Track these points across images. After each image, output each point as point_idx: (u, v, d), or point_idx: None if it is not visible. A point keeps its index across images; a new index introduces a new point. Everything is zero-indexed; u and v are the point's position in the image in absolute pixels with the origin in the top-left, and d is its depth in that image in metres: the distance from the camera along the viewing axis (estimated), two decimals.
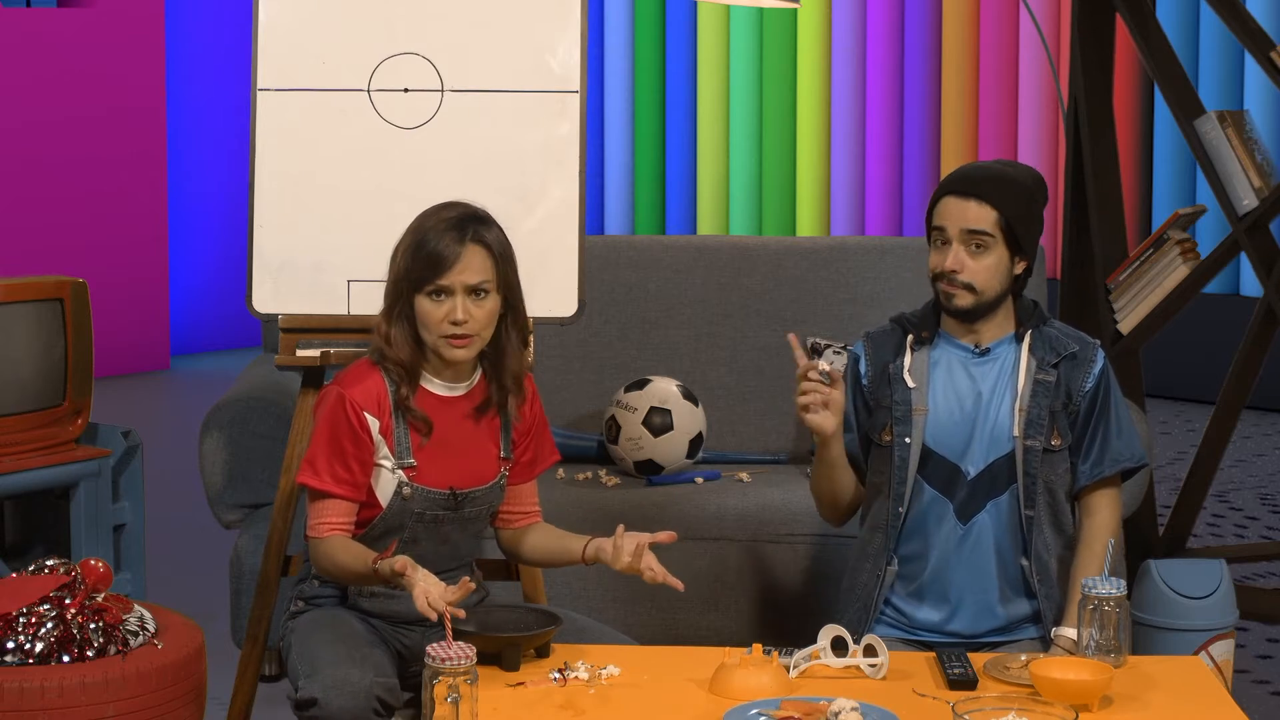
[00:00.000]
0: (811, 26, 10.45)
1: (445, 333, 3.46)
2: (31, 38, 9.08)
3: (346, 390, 3.49)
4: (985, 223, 3.62)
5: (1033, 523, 3.65)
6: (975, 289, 3.64)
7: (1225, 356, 5.46)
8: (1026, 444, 3.64)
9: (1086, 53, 5.21)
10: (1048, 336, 3.71)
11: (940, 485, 3.67)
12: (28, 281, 4.87)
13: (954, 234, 3.63)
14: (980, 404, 3.67)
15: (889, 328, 3.80)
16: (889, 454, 3.70)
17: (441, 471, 3.55)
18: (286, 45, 4.14)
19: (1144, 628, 4.22)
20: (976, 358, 3.70)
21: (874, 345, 3.79)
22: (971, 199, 3.63)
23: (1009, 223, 3.63)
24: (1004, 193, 3.64)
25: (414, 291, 3.47)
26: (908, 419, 3.68)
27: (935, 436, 3.68)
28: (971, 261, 3.63)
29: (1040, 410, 3.65)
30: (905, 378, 3.70)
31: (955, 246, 3.64)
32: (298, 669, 3.43)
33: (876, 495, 3.75)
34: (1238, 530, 6.64)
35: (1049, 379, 3.67)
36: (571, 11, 4.14)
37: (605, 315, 5.06)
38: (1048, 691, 3.17)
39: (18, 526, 4.99)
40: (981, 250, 3.63)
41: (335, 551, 3.47)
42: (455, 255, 3.45)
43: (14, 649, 3.41)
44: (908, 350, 3.73)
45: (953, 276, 3.63)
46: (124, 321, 9.45)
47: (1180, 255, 5.02)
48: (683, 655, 3.48)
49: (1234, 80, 9.00)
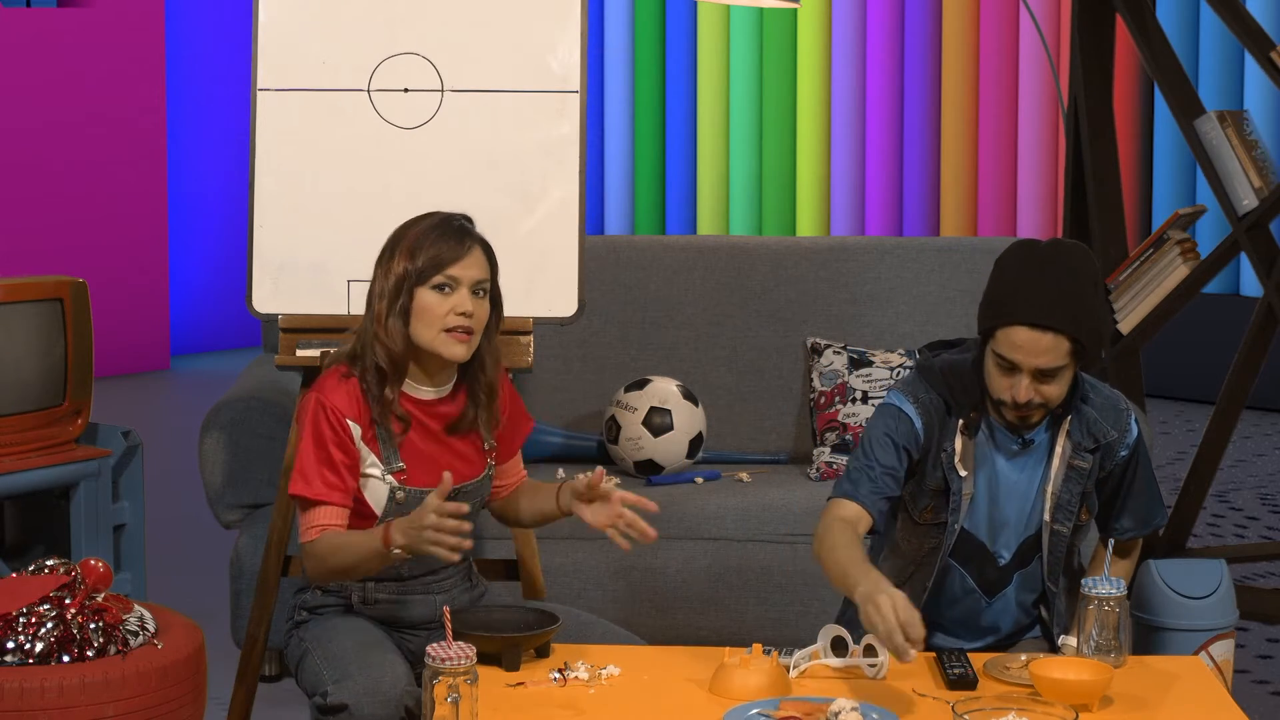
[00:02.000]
0: (811, 26, 10.45)
1: (450, 325, 3.46)
2: (31, 38, 9.08)
3: (326, 398, 3.48)
4: (1060, 357, 3.37)
5: (1055, 594, 3.61)
6: (1049, 408, 3.46)
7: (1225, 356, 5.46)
8: (1055, 528, 3.56)
9: (1086, 53, 5.22)
10: (1085, 419, 3.53)
11: (967, 564, 3.58)
12: (28, 281, 4.87)
13: (1026, 369, 3.38)
14: (1016, 490, 3.55)
15: (928, 392, 3.54)
16: (927, 532, 3.57)
17: (431, 471, 3.54)
18: (286, 45, 4.14)
19: (1144, 628, 4.22)
20: (1019, 450, 3.54)
21: (925, 413, 3.52)
22: (1046, 332, 3.34)
23: (1081, 344, 3.38)
24: (1078, 315, 3.36)
25: (417, 285, 3.47)
26: (959, 508, 3.53)
27: (971, 520, 3.56)
28: (1045, 388, 3.41)
29: (1071, 495, 3.54)
30: (958, 466, 3.51)
31: (1026, 379, 3.38)
32: (322, 673, 3.41)
33: (898, 557, 3.63)
34: (1238, 530, 6.64)
35: (1084, 465, 3.53)
36: (571, 11, 4.14)
37: (605, 315, 5.06)
38: (1048, 691, 3.17)
39: (18, 526, 4.98)
40: (1054, 378, 3.40)
41: (330, 546, 3.45)
42: (465, 249, 3.46)
43: (14, 649, 3.41)
44: (957, 434, 3.51)
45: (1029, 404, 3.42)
46: (124, 321, 9.45)
47: (1180, 255, 5.02)
48: (683, 655, 3.47)
49: (1234, 80, 9.00)
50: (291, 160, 4.13)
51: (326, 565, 3.47)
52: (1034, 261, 3.40)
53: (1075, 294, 3.36)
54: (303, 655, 3.52)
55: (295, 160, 4.13)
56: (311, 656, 3.48)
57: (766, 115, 10.67)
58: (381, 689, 3.32)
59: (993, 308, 3.40)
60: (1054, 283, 3.36)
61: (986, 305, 3.43)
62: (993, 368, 3.42)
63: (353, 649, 3.42)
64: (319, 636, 3.51)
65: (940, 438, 3.51)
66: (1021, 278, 3.39)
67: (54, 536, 4.91)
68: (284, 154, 4.13)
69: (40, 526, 4.97)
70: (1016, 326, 3.36)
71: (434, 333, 3.47)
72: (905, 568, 3.61)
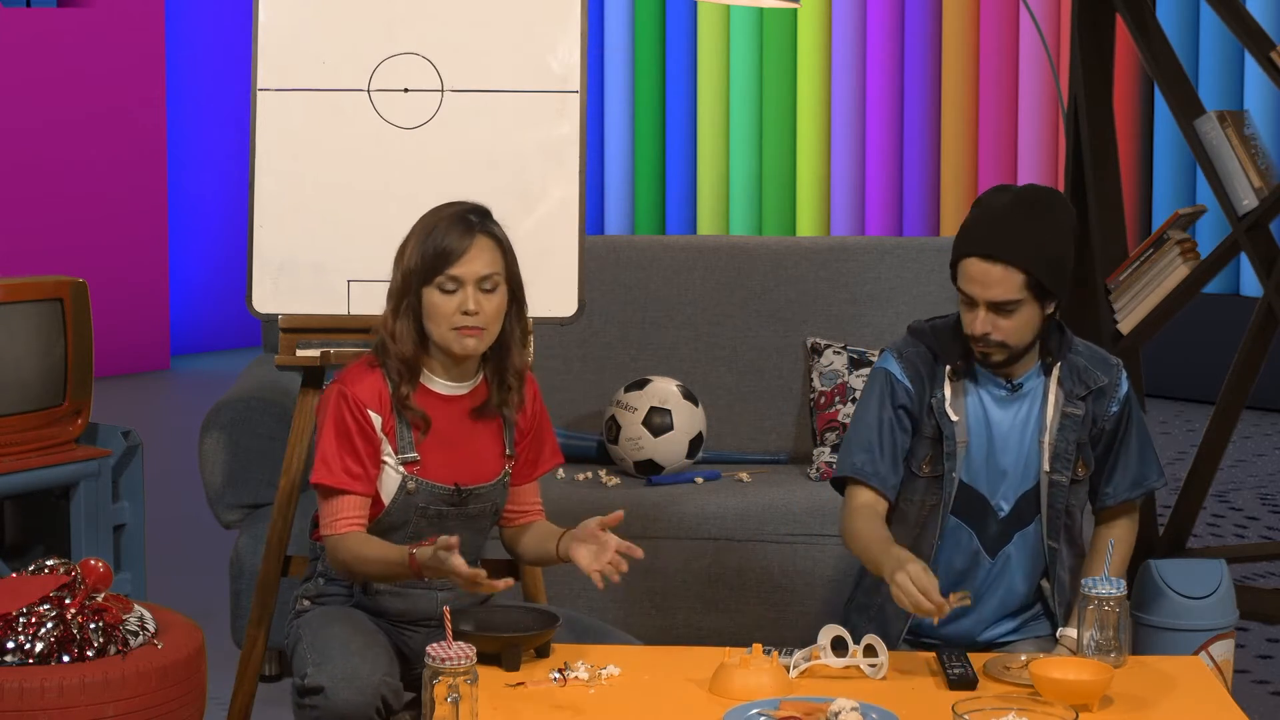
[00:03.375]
0: (811, 26, 10.45)
1: (457, 324, 3.46)
2: (31, 38, 9.08)
3: (348, 388, 3.50)
4: (1011, 290, 3.45)
5: (1055, 552, 3.63)
6: (1009, 345, 3.52)
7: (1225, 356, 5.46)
8: (1053, 478, 3.59)
9: (1086, 53, 5.21)
10: (1075, 367, 3.60)
11: (969, 518, 3.61)
12: (28, 281, 4.87)
13: (980, 301, 3.48)
14: (1011, 439, 3.59)
15: (915, 346, 3.63)
16: (928, 486, 3.61)
17: (445, 467, 3.55)
18: (286, 45, 4.14)
19: (1144, 628, 4.21)
20: (1009, 394, 3.60)
21: (910, 366, 3.61)
22: (996, 263, 3.44)
23: (1037, 280, 3.46)
24: (1028, 249, 3.45)
25: (423, 285, 3.48)
26: (954, 454, 3.58)
27: (969, 471, 3.60)
28: (1003, 322, 3.48)
29: (1067, 444, 3.59)
30: (948, 411, 3.58)
31: (982, 312, 3.48)
32: (306, 657, 3.43)
33: (902, 522, 3.65)
34: (1238, 530, 6.64)
35: (1077, 412, 3.59)
36: (571, 11, 4.14)
37: (605, 315, 5.06)
38: (1048, 691, 3.17)
39: (18, 526, 4.98)
40: (1011, 312, 3.48)
41: (359, 546, 3.46)
42: (466, 246, 3.46)
43: (14, 649, 3.41)
44: (946, 381, 3.59)
45: (986, 338, 3.51)
46: (124, 321, 9.45)
47: (1180, 255, 5.02)
48: (683, 655, 3.47)
49: (1234, 80, 9.00)
50: (291, 160, 4.13)
51: (348, 567, 3.50)
52: (997, 198, 3.52)
53: (1030, 229, 3.46)
54: (294, 643, 3.54)
55: (295, 160, 4.13)
56: (302, 642, 3.49)
57: (766, 115, 10.67)
58: (360, 675, 3.32)
59: (956, 241, 3.52)
60: (1009, 217, 3.47)
61: (954, 245, 3.54)
62: (961, 303, 3.53)
63: (340, 636, 3.44)
64: (312, 623, 3.53)
65: (931, 387, 3.59)
66: (982, 213, 3.51)
67: (54, 536, 4.91)
68: (284, 154, 4.13)
69: (40, 526, 4.97)
70: (970, 258, 3.48)
71: (444, 330, 3.48)
72: (911, 530, 3.64)
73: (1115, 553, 3.61)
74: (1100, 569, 3.57)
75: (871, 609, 3.69)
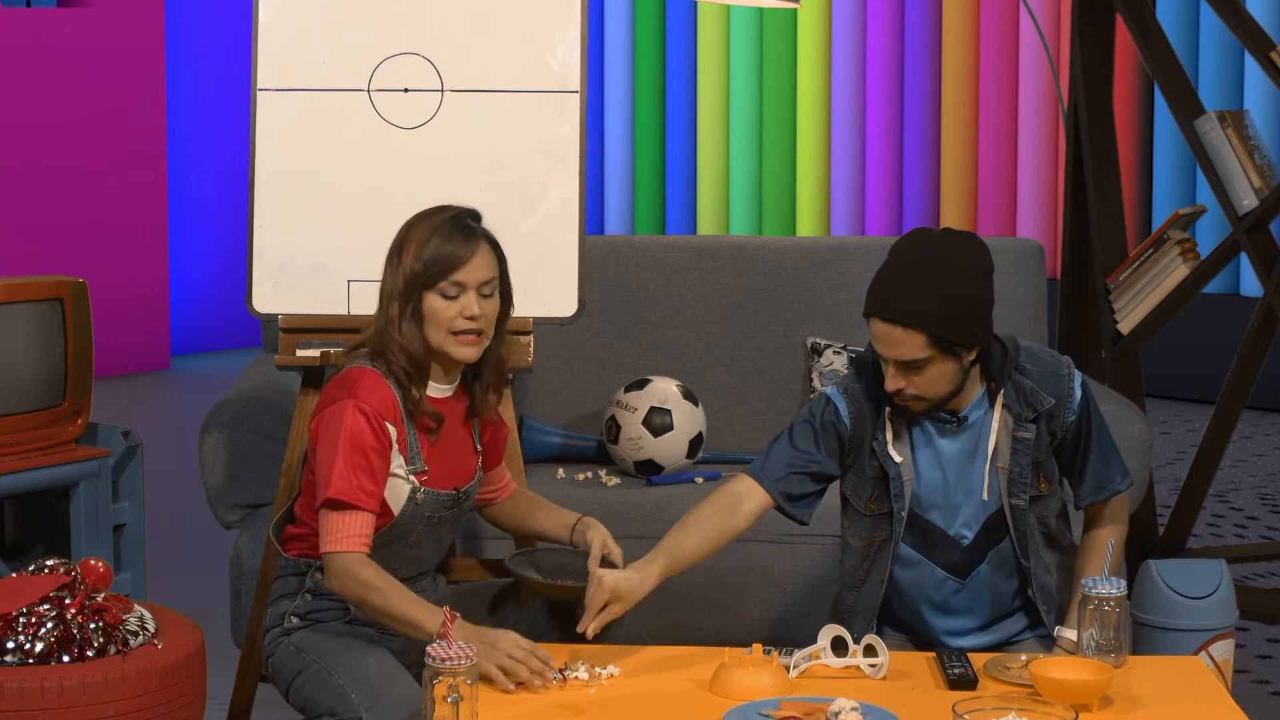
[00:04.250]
0: (811, 26, 10.45)
1: (458, 328, 3.46)
2: (31, 38, 9.08)
3: (364, 404, 3.43)
4: (916, 350, 3.37)
5: (1028, 570, 3.58)
6: (925, 398, 3.45)
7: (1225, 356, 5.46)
8: (1013, 503, 3.54)
9: (1086, 53, 5.22)
10: (1022, 389, 3.52)
11: (927, 551, 3.57)
12: (28, 281, 4.87)
13: (888, 360, 3.41)
14: (963, 470, 3.53)
15: (858, 383, 3.56)
16: (875, 523, 3.57)
17: (445, 473, 3.56)
18: (286, 45, 4.14)
19: (1144, 628, 4.22)
20: (954, 428, 3.53)
21: (854, 403, 3.55)
22: (895, 326, 3.37)
23: (940, 336, 3.37)
24: (927, 309, 3.36)
25: (425, 290, 3.47)
26: (901, 494, 3.53)
27: (921, 505, 3.55)
28: (916, 378, 3.42)
29: (1021, 468, 3.52)
30: (891, 454, 3.52)
31: (892, 369, 3.41)
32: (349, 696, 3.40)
33: (849, 555, 3.64)
34: (1238, 530, 6.64)
35: (1028, 436, 3.52)
36: (571, 11, 4.14)
37: (605, 315, 5.06)
38: (1048, 691, 3.17)
39: (18, 526, 4.98)
40: (920, 369, 3.40)
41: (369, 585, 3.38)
42: (470, 252, 3.46)
43: (14, 649, 3.41)
44: (887, 423, 3.53)
45: (901, 394, 3.44)
46: (124, 321, 9.45)
47: (1180, 255, 5.03)
48: (683, 655, 3.47)
49: (1234, 80, 9.00)
50: (291, 160, 4.13)
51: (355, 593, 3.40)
52: (898, 254, 3.44)
53: (928, 289, 3.36)
54: (304, 669, 3.49)
55: (295, 160, 4.13)
56: (330, 676, 3.45)
57: (766, 115, 10.67)
58: (413, 704, 3.33)
59: (866, 297, 3.45)
60: (907, 276, 3.39)
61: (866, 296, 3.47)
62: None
63: (379, 672, 3.41)
64: (330, 651, 3.48)
65: (873, 426, 3.54)
66: (882, 270, 3.44)
67: (54, 536, 4.91)
68: (284, 154, 4.13)
69: (40, 526, 4.97)
70: (873, 319, 3.41)
71: (442, 335, 3.47)
72: (860, 565, 3.62)
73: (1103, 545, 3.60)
74: (1089, 570, 3.56)
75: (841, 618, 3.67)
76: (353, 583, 3.38)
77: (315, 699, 3.46)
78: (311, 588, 3.56)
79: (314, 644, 3.50)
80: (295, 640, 3.53)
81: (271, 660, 3.57)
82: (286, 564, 3.61)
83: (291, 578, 3.59)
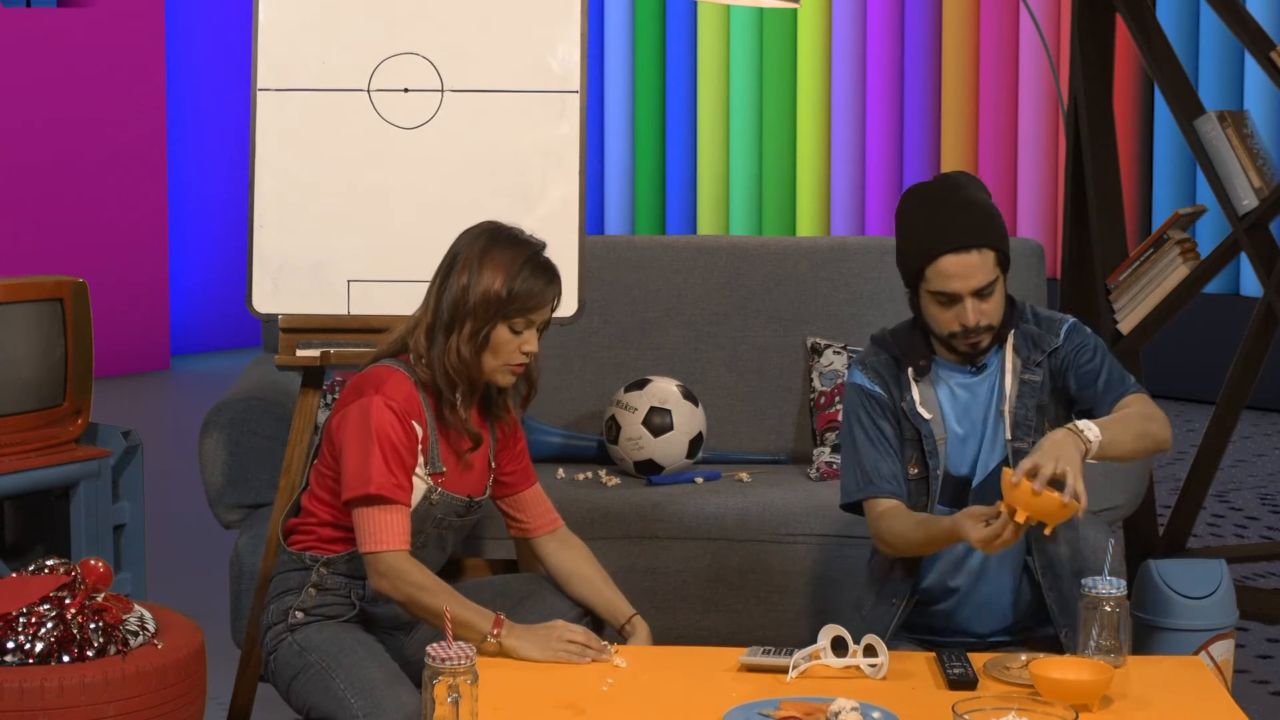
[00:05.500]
0: (811, 26, 10.45)
1: (515, 361, 3.51)
2: (31, 38, 9.08)
3: (391, 401, 3.46)
4: (990, 272, 3.53)
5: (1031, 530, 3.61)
6: (994, 326, 3.58)
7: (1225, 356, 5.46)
8: (1015, 446, 3.61)
9: (1086, 53, 5.21)
10: (1028, 335, 3.65)
11: (957, 505, 3.61)
12: (28, 281, 4.87)
13: (964, 294, 3.52)
14: (979, 416, 3.64)
15: (879, 355, 3.68)
16: (916, 487, 3.64)
17: (461, 480, 3.58)
18: (286, 45, 4.14)
19: (1144, 628, 4.22)
20: (974, 375, 3.65)
21: (876, 374, 3.66)
22: (971, 251, 3.51)
23: (1004, 253, 3.55)
24: (989, 226, 3.54)
25: (501, 319, 3.48)
26: (935, 452, 3.63)
27: (953, 460, 3.65)
28: (985, 305, 3.54)
29: (1027, 410, 3.62)
30: (920, 411, 3.62)
31: (969, 303, 3.53)
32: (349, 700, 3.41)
33: None
34: (1238, 530, 6.64)
35: (1035, 379, 3.62)
36: (571, 11, 4.14)
37: (605, 315, 5.06)
38: (1048, 691, 3.17)
39: (18, 526, 4.99)
40: (990, 294, 3.54)
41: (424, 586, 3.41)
42: (553, 294, 3.52)
43: (14, 649, 3.41)
44: (912, 384, 3.64)
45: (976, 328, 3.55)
46: (124, 321, 9.45)
47: (1180, 255, 5.02)
48: (683, 655, 3.47)
49: (1234, 80, 9.00)
50: (291, 160, 4.13)
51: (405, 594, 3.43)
52: (932, 199, 3.57)
53: (982, 211, 3.53)
54: (305, 669, 3.49)
55: (295, 160, 4.13)
56: (330, 679, 3.45)
57: (766, 115, 10.67)
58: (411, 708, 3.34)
59: (913, 252, 3.55)
60: (961, 208, 3.53)
61: (906, 254, 3.58)
62: (933, 308, 3.56)
63: (380, 679, 3.42)
64: (332, 653, 3.48)
65: (900, 391, 3.64)
66: (930, 217, 3.55)
67: (54, 536, 4.91)
68: (284, 154, 4.13)
69: (40, 526, 4.97)
70: (943, 257, 3.50)
71: (499, 364, 3.50)
72: None
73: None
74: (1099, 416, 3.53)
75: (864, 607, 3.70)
76: (405, 584, 3.41)
77: (314, 702, 3.46)
78: (317, 581, 3.56)
79: (317, 643, 3.50)
80: (299, 638, 3.53)
81: (273, 657, 3.57)
82: (288, 559, 3.61)
83: (294, 573, 3.59)
